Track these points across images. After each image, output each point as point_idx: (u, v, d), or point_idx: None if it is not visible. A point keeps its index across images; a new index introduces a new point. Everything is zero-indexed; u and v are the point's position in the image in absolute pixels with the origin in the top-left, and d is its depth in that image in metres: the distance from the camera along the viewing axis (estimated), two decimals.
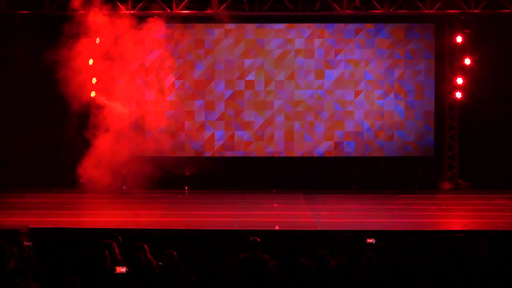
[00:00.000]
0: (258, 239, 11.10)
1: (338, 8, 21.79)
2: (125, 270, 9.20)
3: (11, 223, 15.13)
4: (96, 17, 21.28)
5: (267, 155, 23.18)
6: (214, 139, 22.60)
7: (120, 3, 21.63)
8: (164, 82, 22.19)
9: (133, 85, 22.00)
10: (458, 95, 22.63)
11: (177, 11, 21.91)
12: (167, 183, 22.35)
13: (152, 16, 22.23)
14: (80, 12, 21.25)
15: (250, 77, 22.89)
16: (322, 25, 22.88)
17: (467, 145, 22.83)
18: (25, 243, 11.10)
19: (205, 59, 22.63)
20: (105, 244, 10.75)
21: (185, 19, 22.39)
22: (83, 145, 21.69)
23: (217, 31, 22.77)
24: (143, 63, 21.95)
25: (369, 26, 22.85)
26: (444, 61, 22.94)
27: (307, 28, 22.98)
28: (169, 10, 21.94)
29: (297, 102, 23.15)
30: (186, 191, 22.51)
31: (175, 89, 22.24)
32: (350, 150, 23.12)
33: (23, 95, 22.27)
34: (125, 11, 21.82)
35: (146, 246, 10.81)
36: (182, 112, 22.34)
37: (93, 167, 22.64)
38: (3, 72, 21.47)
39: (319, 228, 15.10)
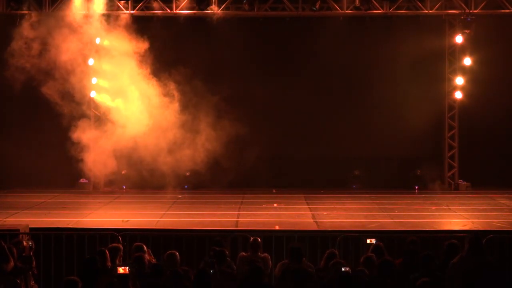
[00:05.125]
0: (259, 239, 11.12)
1: (338, 8, 21.79)
2: (127, 271, 9.20)
3: (11, 223, 15.12)
4: (96, 17, 21.32)
5: (268, 155, 23.16)
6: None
7: (120, 3, 21.66)
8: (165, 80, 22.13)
9: (133, 84, 21.96)
10: (458, 95, 22.63)
11: (177, 11, 21.92)
12: (166, 183, 22.37)
13: (152, 16, 22.26)
14: (80, 12, 21.28)
15: (252, 76, 22.91)
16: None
17: (467, 145, 22.83)
18: (25, 243, 11.09)
19: (206, 55, 22.64)
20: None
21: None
22: (83, 145, 21.68)
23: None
24: (142, 60, 21.84)
25: (369, 25, 22.81)
26: (444, 61, 22.94)
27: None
28: (169, 11, 21.94)
29: (297, 102, 23.19)
30: (186, 191, 22.52)
31: (174, 88, 22.16)
32: (349, 150, 23.10)
33: (23, 95, 22.22)
34: (125, 11, 21.83)
35: (145, 247, 10.81)
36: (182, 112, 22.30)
37: (93, 167, 22.65)
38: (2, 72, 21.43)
39: (319, 228, 15.09)
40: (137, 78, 21.59)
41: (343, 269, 9.34)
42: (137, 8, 21.93)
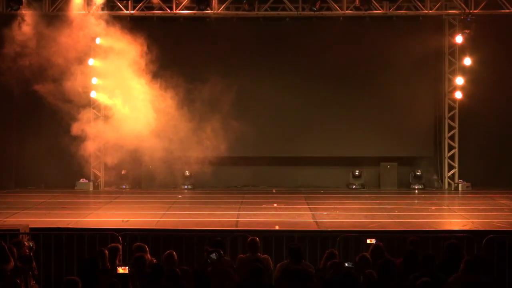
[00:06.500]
0: (257, 239, 11.09)
1: (338, 8, 21.78)
2: (127, 271, 9.19)
3: (11, 223, 15.12)
4: (96, 18, 21.32)
5: (268, 155, 23.16)
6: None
7: (120, 3, 21.65)
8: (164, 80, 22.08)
9: (133, 84, 21.93)
10: (458, 95, 22.62)
11: (177, 11, 21.91)
12: (167, 183, 22.40)
13: (152, 16, 22.26)
14: (80, 12, 21.28)
15: (252, 76, 22.91)
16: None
17: (467, 145, 22.83)
18: (25, 243, 11.08)
19: (207, 55, 22.65)
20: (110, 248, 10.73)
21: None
22: (83, 145, 21.68)
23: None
24: (142, 60, 21.77)
25: (369, 25, 22.82)
26: (444, 61, 22.95)
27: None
28: (169, 11, 21.94)
29: (296, 101, 23.20)
30: (186, 191, 22.54)
31: (174, 87, 22.11)
32: (349, 150, 23.10)
33: (23, 95, 22.20)
34: (125, 11, 21.83)
35: (146, 247, 10.80)
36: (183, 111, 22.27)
37: (93, 167, 22.67)
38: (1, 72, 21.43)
39: (319, 228, 15.08)
40: (137, 78, 21.58)
41: (346, 265, 9.33)
42: (137, 8, 21.92)
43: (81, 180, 22.50)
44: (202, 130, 21.86)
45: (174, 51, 22.29)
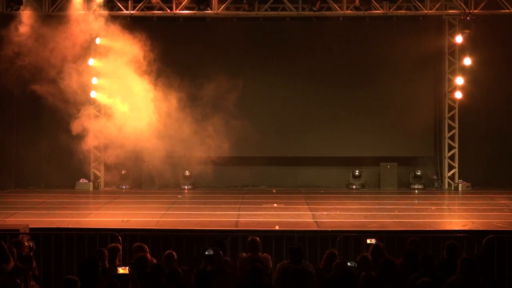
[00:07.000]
0: (258, 239, 11.09)
1: (338, 8, 21.78)
2: (128, 271, 9.19)
3: (11, 223, 15.12)
4: (96, 18, 21.31)
5: (268, 155, 23.17)
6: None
7: (120, 3, 21.65)
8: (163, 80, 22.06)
9: (133, 84, 21.92)
10: (458, 95, 22.63)
11: (177, 11, 21.91)
12: (167, 183, 22.40)
13: (152, 16, 22.27)
14: (80, 12, 21.28)
15: (252, 76, 22.90)
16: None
17: (467, 145, 22.84)
18: (25, 243, 11.08)
19: (207, 55, 22.65)
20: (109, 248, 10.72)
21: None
22: (83, 145, 21.68)
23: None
24: (142, 60, 21.75)
25: (369, 25, 22.84)
26: (444, 61, 22.95)
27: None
28: (169, 11, 21.94)
29: (296, 101, 23.20)
30: (186, 191, 22.54)
31: (174, 87, 22.10)
32: (349, 150, 23.10)
33: (23, 95, 22.19)
34: (125, 11, 21.83)
35: (146, 247, 10.80)
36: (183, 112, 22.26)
37: (93, 167, 22.67)
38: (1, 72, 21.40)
39: (319, 228, 15.08)
40: (137, 78, 21.58)
41: (348, 264, 9.33)
42: (137, 8, 21.92)
43: (81, 180, 22.51)
44: (202, 130, 21.85)
45: (174, 51, 22.27)
